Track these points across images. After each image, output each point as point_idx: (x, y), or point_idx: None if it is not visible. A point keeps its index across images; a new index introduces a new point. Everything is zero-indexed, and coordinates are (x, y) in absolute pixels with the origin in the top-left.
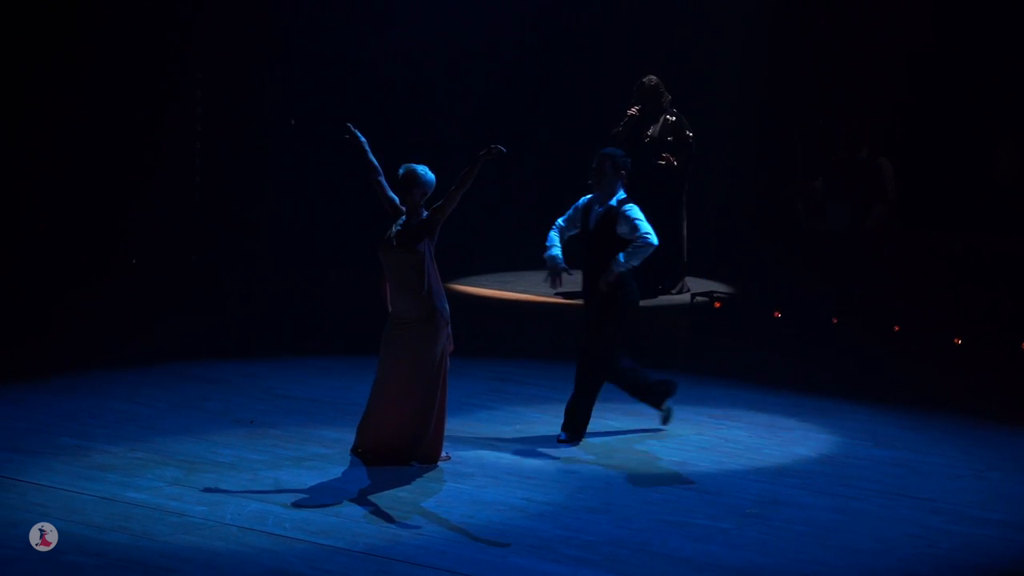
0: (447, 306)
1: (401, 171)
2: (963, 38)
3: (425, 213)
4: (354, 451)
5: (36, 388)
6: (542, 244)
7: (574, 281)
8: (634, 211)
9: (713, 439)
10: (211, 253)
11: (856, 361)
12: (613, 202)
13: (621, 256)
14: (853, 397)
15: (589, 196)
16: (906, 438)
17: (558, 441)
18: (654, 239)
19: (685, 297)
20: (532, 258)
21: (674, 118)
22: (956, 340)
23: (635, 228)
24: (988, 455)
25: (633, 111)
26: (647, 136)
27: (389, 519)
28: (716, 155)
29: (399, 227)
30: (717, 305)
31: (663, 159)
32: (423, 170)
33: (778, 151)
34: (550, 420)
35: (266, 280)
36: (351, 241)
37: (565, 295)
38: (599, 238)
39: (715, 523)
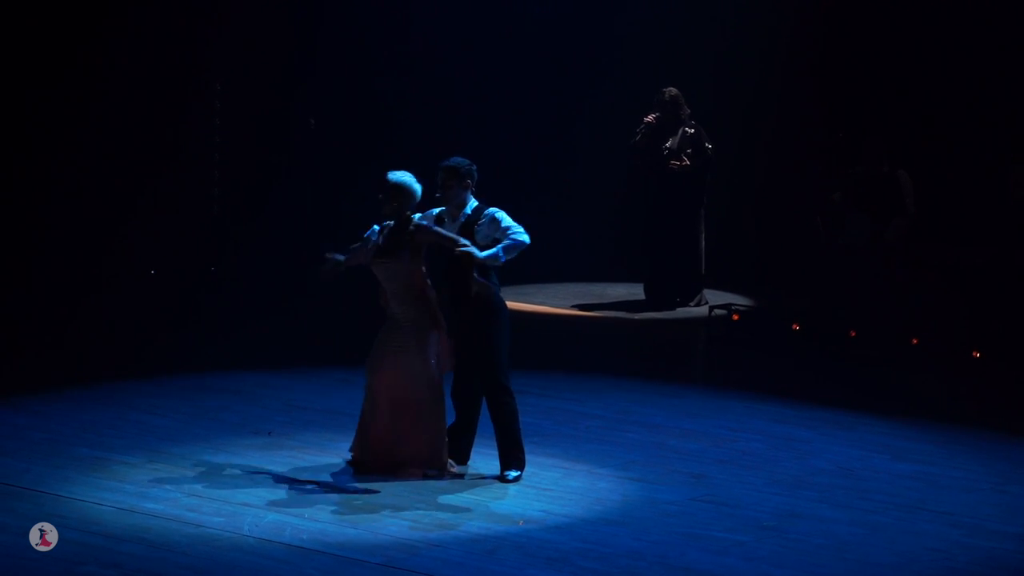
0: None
1: (394, 180)
2: (983, 52)
3: (414, 222)
4: (354, 463)
5: (54, 399)
6: (562, 256)
7: (593, 293)
8: (499, 213)
9: (731, 452)
10: (230, 263)
11: (874, 374)
12: (468, 211)
13: (498, 249)
14: (871, 410)
15: (388, 223)
16: (924, 451)
17: (507, 481)
18: (526, 237)
19: (703, 309)
20: (551, 270)
21: (693, 130)
22: (975, 353)
23: (505, 229)
24: (1007, 468)
25: (650, 118)
26: (666, 148)
27: (407, 531)
28: (735, 168)
29: (385, 236)
30: (735, 317)
31: (675, 163)
32: (411, 181)
33: (797, 164)
34: (568, 433)
35: (285, 290)
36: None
37: (583, 307)
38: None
39: (733, 536)
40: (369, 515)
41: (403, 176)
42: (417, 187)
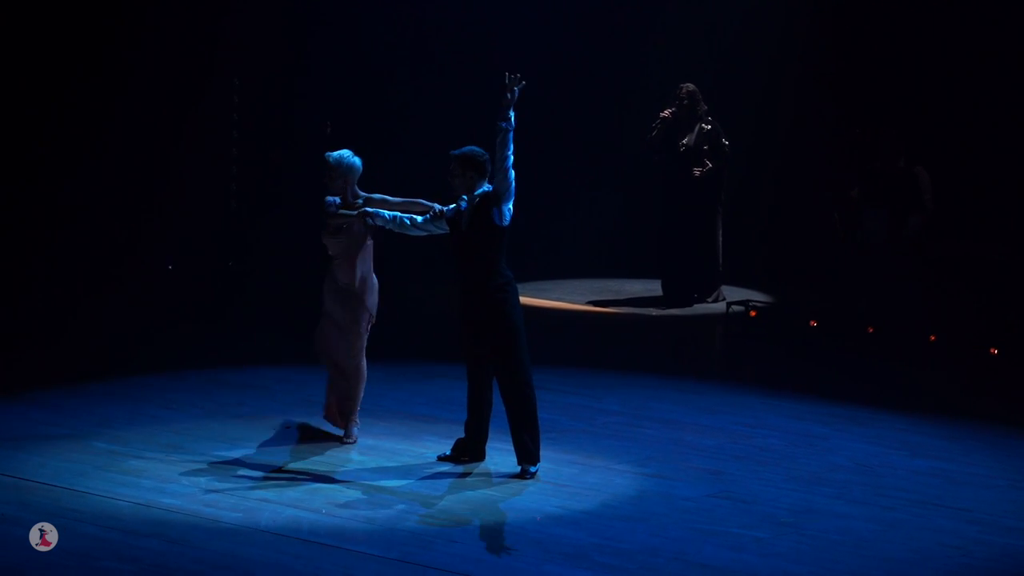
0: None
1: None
2: (1001, 45)
3: (361, 199)
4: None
5: (70, 393)
6: (579, 252)
7: (610, 289)
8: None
9: (748, 448)
10: (247, 258)
11: (892, 371)
12: (477, 193)
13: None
14: (888, 406)
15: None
16: (941, 448)
17: (527, 476)
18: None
19: (721, 306)
20: (568, 266)
21: (709, 126)
22: (992, 350)
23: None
24: None
25: (666, 113)
26: (683, 145)
27: (423, 526)
28: (751, 164)
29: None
30: (753, 314)
31: (698, 171)
32: (347, 158)
33: (814, 160)
34: (585, 428)
35: (302, 285)
36: (389, 247)
37: (600, 303)
38: (473, 234)
39: (750, 532)
40: (386, 510)
41: (342, 153)
42: (356, 160)
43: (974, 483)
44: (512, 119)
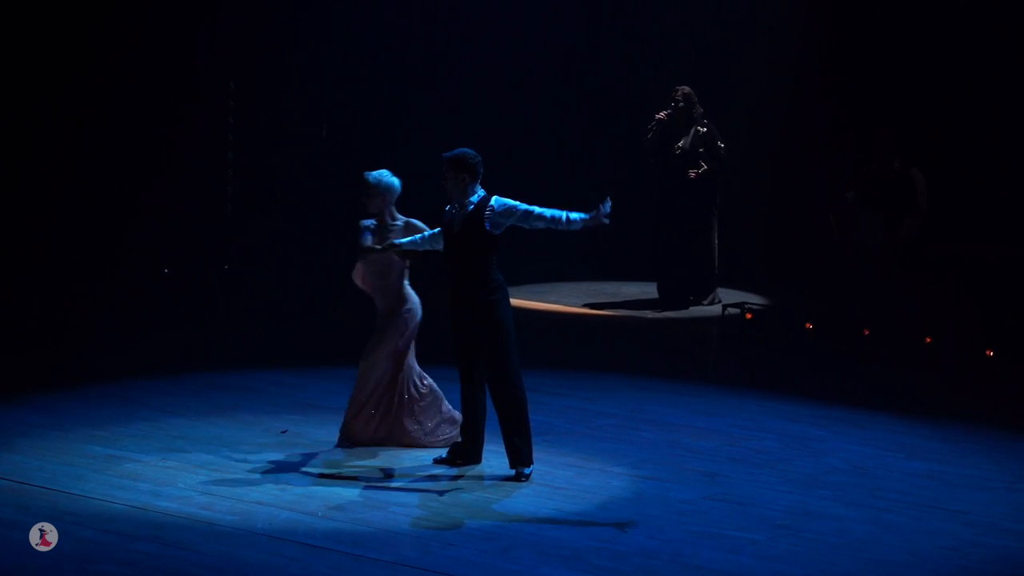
0: (413, 308)
1: (372, 180)
2: (996, 50)
3: (400, 221)
4: None
5: (66, 397)
6: (575, 255)
7: (606, 292)
8: (507, 201)
9: (744, 450)
10: (243, 262)
11: (887, 373)
12: (475, 200)
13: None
14: (885, 409)
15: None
16: (938, 450)
17: (523, 478)
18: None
19: (716, 308)
20: (564, 269)
21: (705, 129)
22: (988, 352)
23: (526, 213)
24: (1020, 467)
25: (661, 115)
26: (678, 148)
27: (419, 529)
28: (747, 166)
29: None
30: (748, 316)
31: (694, 173)
32: (386, 178)
33: (809, 163)
34: (582, 431)
35: (299, 289)
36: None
37: (595, 306)
38: (465, 238)
39: (746, 534)
40: (382, 513)
41: (381, 173)
42: (395, 181)
43: (970, 485)
44: (584, 226)
